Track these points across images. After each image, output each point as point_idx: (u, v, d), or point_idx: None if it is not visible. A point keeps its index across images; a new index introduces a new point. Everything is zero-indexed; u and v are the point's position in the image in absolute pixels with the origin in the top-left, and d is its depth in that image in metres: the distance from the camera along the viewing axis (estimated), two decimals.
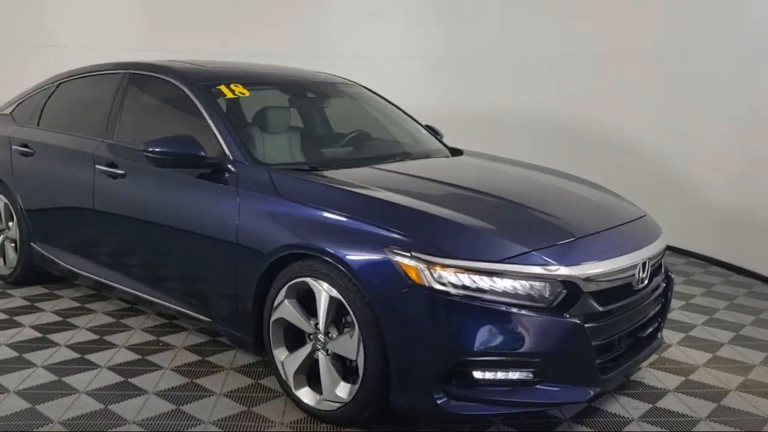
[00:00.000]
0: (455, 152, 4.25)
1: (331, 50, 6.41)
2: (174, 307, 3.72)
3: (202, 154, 3.40)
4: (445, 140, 4.45)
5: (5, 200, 4.77)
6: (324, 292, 2.93)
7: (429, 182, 3.42)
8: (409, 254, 2.70)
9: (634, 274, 2.98)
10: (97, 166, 3.99)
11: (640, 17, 5.87)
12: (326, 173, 3.38)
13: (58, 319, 4.23)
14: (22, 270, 4.75)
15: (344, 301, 2.86)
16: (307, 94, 4.30)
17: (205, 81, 3.82)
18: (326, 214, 2.96)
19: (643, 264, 3.04)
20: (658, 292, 3.27)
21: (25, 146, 4.57)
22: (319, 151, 4.01)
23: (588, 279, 2.77)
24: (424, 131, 4.48)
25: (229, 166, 3.39)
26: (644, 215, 3.45)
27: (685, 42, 5.64)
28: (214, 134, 3.53)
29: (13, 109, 4.98)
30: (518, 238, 2.80)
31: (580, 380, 2.82)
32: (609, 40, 6.00)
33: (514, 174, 3.82)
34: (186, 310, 3.65)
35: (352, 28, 6.63)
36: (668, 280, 3.39)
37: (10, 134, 4.76)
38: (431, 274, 2.66)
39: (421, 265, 2.67)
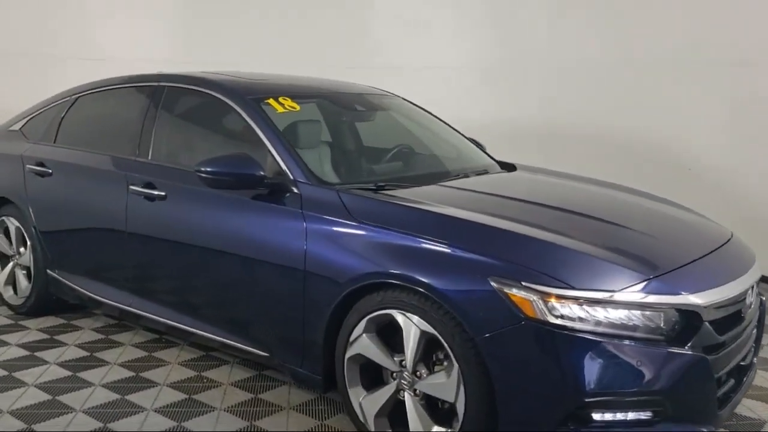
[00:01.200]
0: (507, 167, 4.00)
1: (373, 60, 6.12)
2: (219, 338, 3.41)
3: (261, 174, 3.10)
4: (491, 154, 4.21)
5: (17, 224, 4.40)
6: (414, 326, 2.66)
7: (510, 201, 3.16)
8: (518, 284, 2.44)
9: (745, 299, 2.77)
10: (131, 187, 3.66)
11: (705, 21, 5.48)
12: (396, 193, 3.10)
13: (84, 353, 3.88)
14: (37, 299, 4.38)
15: (440, 337, 2.59)
16: (356, 107, 4.03)
17: (253, 94, 3.52)
18: (415, 240, 2.69)
19: (751, 288, 2.83)
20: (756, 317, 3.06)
21: (42, 165, 4.21)
22: (374, 169, 3.73)
23: (709, 307, 2.54)
24: (471, 145, 4.23)
25: (291, 186, 3.09)
26: (733, 235, 3.24)
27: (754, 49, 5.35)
28: (270, 152, 3.24)
29: (24, 125, 4.62)
30: (633, 263, 2.56)
31: (700, 417, 2.58)
32: (671, 46, 5.60)
33: (593, 192, 3.58)
34: (236, 343, 3.33)
35: (396, 38, 6.33)
36: (761, 304, 3.18)
37: (22, 152, 4.39)
38: (545, 306, 2.40)
39: (534, 297, 2.41)
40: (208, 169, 3.11)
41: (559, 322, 2.39)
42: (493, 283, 2.47)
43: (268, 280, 3.11)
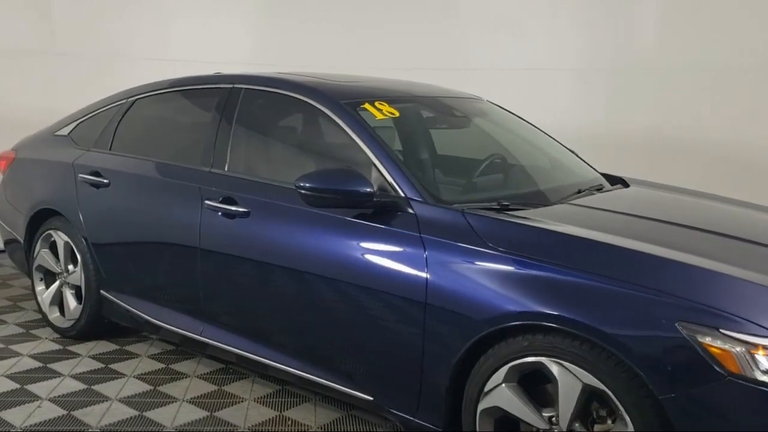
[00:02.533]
0: (615, 180, 3.57)
1: (461, 62, 5.66)
2: (308, 376, 2.98)
3: (369, 191, 2.68)
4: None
5: (66, 238, 3.98)
6: (574, 378, 2.23)
7: (659, 224, 2.75)
8: (716, 332, 2.01)
9: None
10: (206, 202, 3.23)
11: None
12: (526, 213, 2.68)
13: (147, 387, 3.46)
14: (87, 322, 3.96)
15: (610, 394, 2.16)
16: (455, 113, 3.59)
17: (347, 98, 3.10)
18: (574, 275, 2.26)
19: None
20: None
21: (97, 175, 3.79)
22: (481, 183, 3.30)
23: None
24: (572, 155, 3.79)
25: (403, 205, 2.67)
26: None
27: None
28: (375, 166, 2.82)
29: (73, 130, 4.20)
30: None
31: None
32: None
33: (733, 211, 3.15)
34: (328, 382, 2.91)
35: (485, 37, 5.85)
36: None
37: (73, 160, 3.97)
38: (752, 359, 1.97)
39: (739, 349, 1.98)
40: (311, 185, 2.69)
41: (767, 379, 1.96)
42: (682, 330, 2.04)
43: (375, 311, 2.69)
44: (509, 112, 3.91)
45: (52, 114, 4.56)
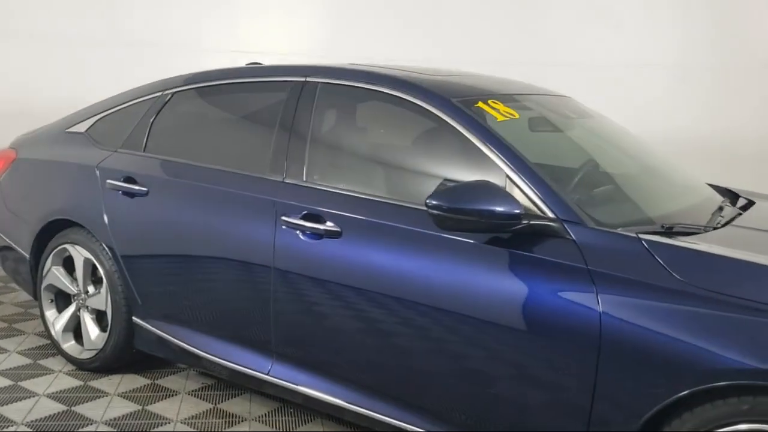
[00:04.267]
0: (724, 193, 3.16)
1: (541, 56, 5.12)
2: (416, 429, 2.47)
3: (518, 212, 2.19)
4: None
5: (86, 254, 3.38)
6: None
7: None
8: None
9: None
10: (283, 218, 2.70)
11: None
12: (699, 239, 2.23)
13: None
14: (113, 353, 3.36)
15: None
16: (569, 115, 3.12)
17: (458, 96, 2.60)
18: None
19: None
20: None
21: (131, 181, 3.20)
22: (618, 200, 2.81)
23: None
24: (679, 165, 3.35)
25: (558, 229, 2.19)
26: None
27: None
28: (511, 180, 2.33)
29: (92, 127, 3.58)
30: None
31: None
32: None
33: None
34: None
35: (572, 31, 5.30)
36: None
37: (97, 163, 3.37)
38: None
39: None
40: (448, 205, 2.19)
41: None
42: None
43: (523, 359, 2.21)
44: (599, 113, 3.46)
45: None
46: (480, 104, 2.60)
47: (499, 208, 2.16)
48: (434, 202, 2.20)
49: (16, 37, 5.57)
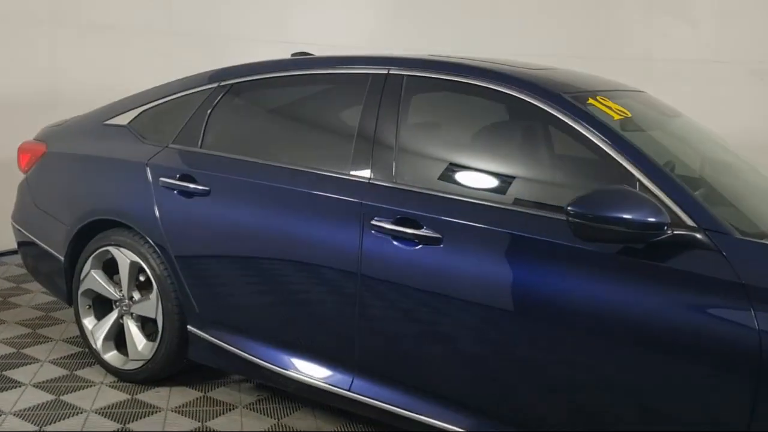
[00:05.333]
0: None
1: (611, 50, 4.88)
2: None
3: (662, 220, 2.01)
4: None
5: (133, 258, 3.13)
6: None
7: None
8: None
9: None
10: (373, 222, 2.48)
11: None
12: None
13: None
14: (163, 364, 3.12)
15: None
16: (664, 113, 2.94)
17: (568, 92, 2.42)
18: None
19: None
20: None
21: (189, 180, 2.96)
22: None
23: None
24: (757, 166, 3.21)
25: (703, 239, 2.02)
26: None
27: None
28: (644, 184, 2.15)
29: (135, 120, 3.32)
30: None
31: None
32: None
33: None
34: None
35: (645, 23, 5.05)
36: None
37: (147, 159, 3.11)
38: None
39: None
40: (591, 213, 2.00)
41: None
42: None
43: (672, 376, 2.04)
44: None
45: None
46: (591, 100, 2.42)
47: (651, 218, 1.98)
48: (576, 210, 2.02)
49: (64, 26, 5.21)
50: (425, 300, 2.43)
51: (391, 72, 2.69)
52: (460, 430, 2.40)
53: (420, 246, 2.41)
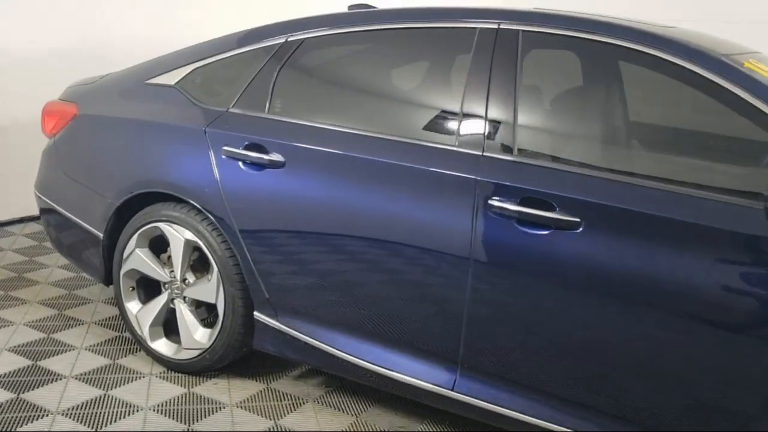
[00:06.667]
0: None
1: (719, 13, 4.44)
2: None
3: None
4: None
5: (190, 236, 2.78)
6: None
7: None
8: None
9: None
10: (493, 202, 2.16)
11: None
12: None
13: None
14: (223, 353, 2.80)
15: None
16: None
17: (725, 53, 2.11)
18: None
19: None
20: None
21: (260, 150, 2.60)
22: None
23: None
24: None
25: None
26: None
27: None
28: None
29: (184, 79, 2.93)
30: None
31: None
32: None
33: None
34: None
35: None
36: None
37: (205, 125, 2.74)
38: None
39: None
40: None
41: None
42: None
43: None
44: None
45: None
46: (747, 63, 2.11)
47: None
48: None
49: None
50: (553, 293, 2.14)
51: (502, 26, 2.34)
52: None
53: (551, 231, 2.09)
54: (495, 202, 2.16)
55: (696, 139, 2.25)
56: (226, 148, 2.66)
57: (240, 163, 2.63)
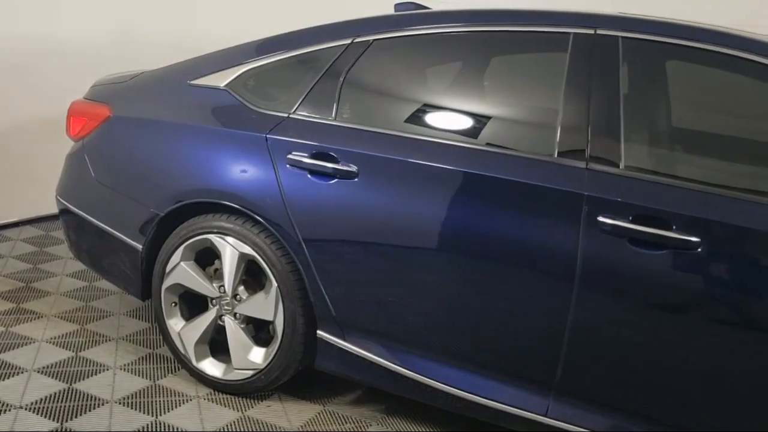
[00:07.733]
0: None
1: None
2: None
3: None
4: None
5: (246, 249, 2.59)
6: None
7: None
8: None
9: None
10: (603, 219, 2.04)
11: None
12: None
13: None
14: (279, 374, 2.63)
15: None
16: None
17: None
18: None
19: None
20: None
21: (329, 159, 2.43)
22: None
23: None
24: None
25: None
26: None
27: None
28: None
29: (235, 80, 2.73)
30: None
31: None
32: None
33: None
34: None
35: None
36: None
37: (267, 131, 2.55)
38: None
39: None
40: None
41: None
42: None
43: None
44: None
45: None
46: None
47: None
48: None
49: None
50: (667, 317, 2.02)
51: (598, 32, 2.22)
52: None
53: (666, 251, 1.98)
54: (605, 219, 2.04)
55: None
56: (291, 156, 2.47)
57: (307, 173, 2.45)
